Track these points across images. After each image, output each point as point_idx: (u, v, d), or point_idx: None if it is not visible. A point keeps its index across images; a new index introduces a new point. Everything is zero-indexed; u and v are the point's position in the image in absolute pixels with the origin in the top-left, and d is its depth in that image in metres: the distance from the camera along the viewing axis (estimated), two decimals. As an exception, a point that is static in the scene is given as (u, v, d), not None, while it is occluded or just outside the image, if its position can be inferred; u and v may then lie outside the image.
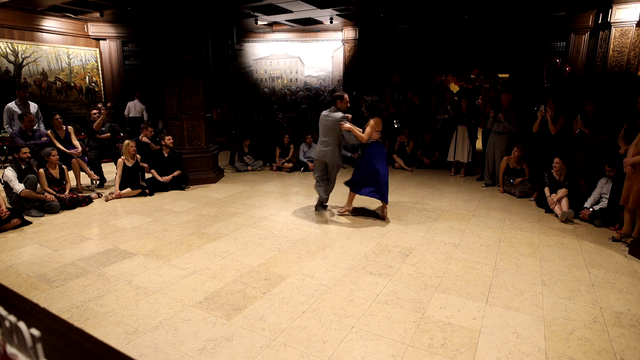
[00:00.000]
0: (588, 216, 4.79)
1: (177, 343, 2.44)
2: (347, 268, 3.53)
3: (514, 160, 6.09)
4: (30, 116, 5.96)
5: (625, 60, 8.27)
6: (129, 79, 11.12)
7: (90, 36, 10.37)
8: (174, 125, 6.67)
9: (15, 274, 3.39)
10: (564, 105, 6.39)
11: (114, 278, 3.30)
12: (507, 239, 4.30)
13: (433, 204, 5.59)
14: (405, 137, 8.10)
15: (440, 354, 2.36)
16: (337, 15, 9.63)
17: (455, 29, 10.04)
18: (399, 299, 2.98)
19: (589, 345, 2.46)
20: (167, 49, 6.38)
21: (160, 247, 4.00)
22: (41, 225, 4.66)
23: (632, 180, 4.04)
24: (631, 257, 3.83)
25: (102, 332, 2.55)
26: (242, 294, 3.05)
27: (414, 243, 4.14)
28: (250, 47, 12.26)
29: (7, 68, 8.74)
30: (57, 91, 9.81)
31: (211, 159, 6.91)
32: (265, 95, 12.48)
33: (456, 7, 8.63)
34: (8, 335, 0.57)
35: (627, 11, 8.01)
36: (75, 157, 6.10)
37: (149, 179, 6.34)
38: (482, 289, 3.16)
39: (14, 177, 4.91)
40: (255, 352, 2.36)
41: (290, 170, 7.87)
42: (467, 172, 7.48)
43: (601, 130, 5.29)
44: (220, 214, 5.13)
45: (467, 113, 7.19)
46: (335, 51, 11.89)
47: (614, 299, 3.03)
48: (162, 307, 2.85)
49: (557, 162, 5.23)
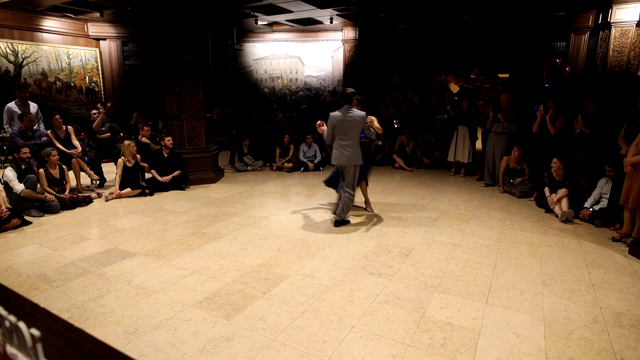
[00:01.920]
0: (588, 216, 4.79)
1: (177, 343, 2.44)
2: (347, 268, 3.53)
3: (514, 160, 6.09)
4: (30, 116, 5.96)
5: (625, 60, 8.27)
6: (129, 79, 11.12)
7: (90, 36, 10.37)
8: (174, 125, 6.67)
9: (15, 274, 3.39)
10: (564, 105, 6.38)
11: (114, 278, 3.30)
12: (507, 239, 4.30)
13: (433, 204, 5.59)
14: (405, 137, 8.10)
15: (440, 354, 2.36)
16: (337, 15, 9.62)
17: (455, 29, 10.04)
18: (399, 299, 2.98)
19: (589, 345, 2.46)
20: (167, 49, 6.38)
21: (160, 247, 4.00)
22: (41, 225, 4.65)
23: (632, 180, 4.04)
24: (631, 257, 3.83)
25: (102, 332, 2.55)
26: (242, 294, 3.05)
27: (414, 243, 4.14)
28: (250, 47, 12.25)
29: (7, 68, 8.74)
30: (57, 91, 9.81)
31: (211, 159, 6.91)
32: (265, 95, 12.48)
33: (456, 7, 8.62)
34: (8, 335, 0.57)
35: (627, 11, 8.01)
36: (75, 157, 6.10)
37: (149, 179, 6.34)
38: (482, 289, 3.16)
39: (14, 177, 4.91)
40: (255, 352, 2.36)
41: (290, 170, 7.87)
42: (467, 172, 7.48)
43: (601, 130, 5.29)
44: (220, 214, 5.13)
45: (468, 113, 7.19)
46: (335, 51, 11.89)
47: (614, 299, 3.03)
48: (162, 307, 2.85)
49: (555, 162, 5.23)
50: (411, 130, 8.17)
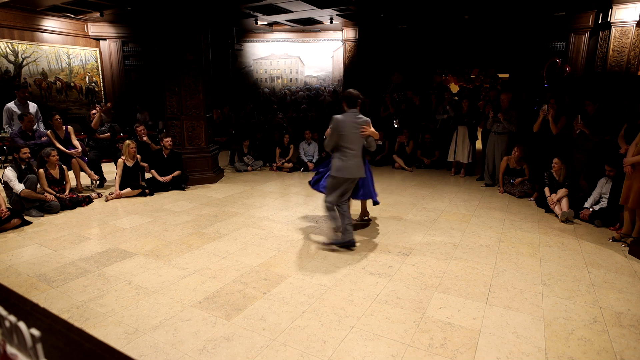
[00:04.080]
0: (588, 216, 4.79)
1: (177, 343, 2.44)
2: (347, 268, 3.52)
3: (514, 160, 6.09)
4: (30, 116, 5.96)
5: (625, 60, 8.26)
6: (129, 79, 11.12)
7: (90, 36, 10.36)
8: (174, 125, 6.67)
9: (15, 274, 3.39)
10: (563, 105, 6.39)
11: (114, 278, 3.30)
12: (507, 239, 4.30)
13: (433, 204, 5.59)
14: (405, 137, 8.10)
15: (440, 354, 2.36)
16: (337, 15, 9.62)
17: (455, 29, 10.04)
18: (399, 299, 2.98)
19: (589, 345, 2.46)
20: (167, 49, 6.37)
21: (160, 247, 4.00)
22: (41, 225, 4.65)
23: (631, 180, 4.04)
24: (631, 257, 3.83)
25: (102, 332, 2.55)
26: (242, 294, 3.05)
27: (414, 243, 4.14)
28: (250, 47, 12.25)
29: (7, 68, 8.73)
30: (57, 91, 9.80)
31: (211, 159, 6.91)
32: (265, 95, 12.48)
33: (456, 7, 8.62)
34: (8, 335, 0.57)
35: (627, 11, 8.00)
36: (75, 157, 6.10)
37: (149, 179, 6.34)
38: (482, 289, 3.16)
39: (14, 177, 4.91)
40: (255, 352, 2.36)
41: (290, 170, 7.87)
42: (467, 172, 7.48)
43: (602, 130, 5.29)
44: (220, 214, 5.13)
45: (468, 113, 7.20)
46: (335, 51, 11.89)
47: (614, 299, 3.03)
48: (162, 307, 2.85)
49: (556, 162, 5.23)
50: (411, 130, 8.17)
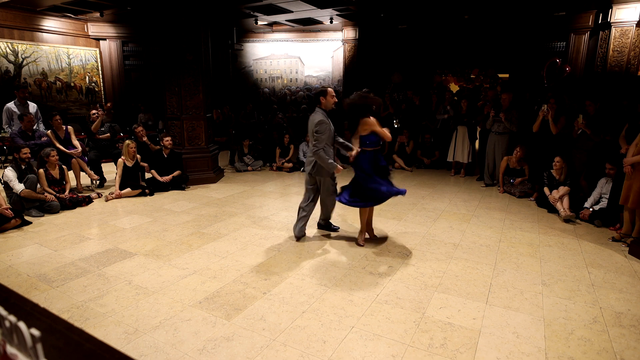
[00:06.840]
0: (588, 216, 4.79)
1: (177, 343, 2.44)
2: (347, 268, 3.52)
3: (515, 160, 6.09)
4: (30, 116, 5.97)
5: (625, 60, 8.26)
6: (129, 79, 11.11)
7: (90, 36, 10.36)
8: (174, 125, 6.67)
9: (15, 274, 3.39)
10: (563, 105, 6.39)
11: (114, 278, 3.30)
12: (507, 239, 4.30)
13: (433, 204, 5.59)
14: (405, 137, 8.10)
15: (440, 354, 2.36)
16: (337, 15, 9.62)
17: (455, 29, 10.04)
18: (399, 299, 2.98)
19: (589, 345, 2.46)
20: (167, 49, 6.38)
21: (160, 247, 4.00)
22: (41, 225, 4.65)
23: (631, 180, 4.04)
24: (631, 257, 3.83)
25: (102, 332, 2.55)
26: (242, 294, 3.05)
27: (414, 243, 4.14)
28: (250, 47, 12.24)
29: (7, 68, 8.73)
30: (57, 91, 9.80)
31: (211, 159, 6.91)
32: (265, 95, 12.48)
33: (456, 7, 8.62)
34: (8, 335, 0.57)
35: (627, 11, 8.00)
36: (75, 157, 6.10)
37: (149, 179, 6.34)
38: (482, 289, 3.16)
39: (14, 177, 4.91)
40: (255, 352, 2.36)
41: (290, 170, 7.87)
42: (467, 172, 7.48)
43: (602, 130, 5.29)
44: (220, 214, 5.13)
45: (467, 113, 7.20)
46: (335, 51, 11.88)
47: (614, 299, 3.03)
48: (162, 307, 2.85)
49: (558, 161, 5.23)
50: (411, 130, 8.17)
